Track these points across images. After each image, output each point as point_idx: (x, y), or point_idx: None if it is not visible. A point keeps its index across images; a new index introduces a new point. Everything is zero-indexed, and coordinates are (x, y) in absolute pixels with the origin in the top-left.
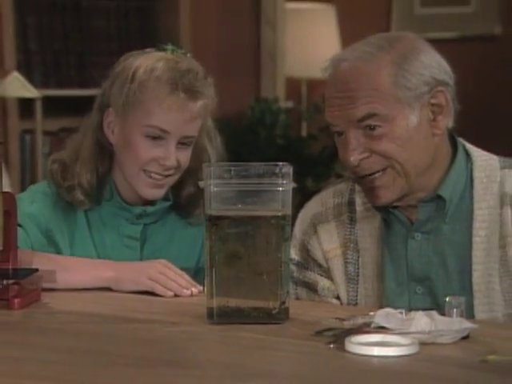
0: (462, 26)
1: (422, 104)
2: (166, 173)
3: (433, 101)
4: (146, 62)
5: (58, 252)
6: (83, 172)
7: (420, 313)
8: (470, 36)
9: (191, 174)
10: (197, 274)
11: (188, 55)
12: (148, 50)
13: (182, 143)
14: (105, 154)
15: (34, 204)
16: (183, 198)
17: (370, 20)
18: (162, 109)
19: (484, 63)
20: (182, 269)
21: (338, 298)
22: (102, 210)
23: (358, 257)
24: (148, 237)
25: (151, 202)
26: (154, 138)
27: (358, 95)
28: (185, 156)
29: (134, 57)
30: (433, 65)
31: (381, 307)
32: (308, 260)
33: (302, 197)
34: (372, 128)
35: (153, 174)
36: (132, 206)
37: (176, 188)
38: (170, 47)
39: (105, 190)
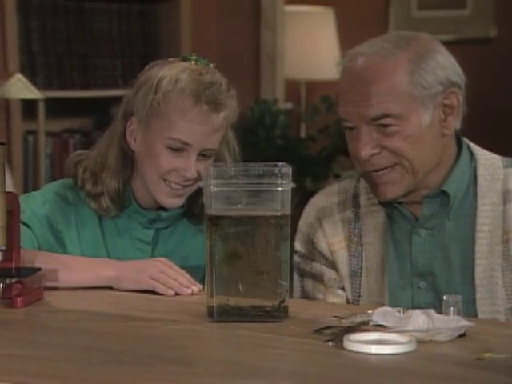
0: (458, 28)
1: (435, 104)
2: (186, 183)
3: (445, 101)
4: (171, 73)
5: (67, 253)
6: (110, 180)
7: (417, 311)
8: (466, 39)
9: None
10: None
11: (212, 65)
12: (172, 59)
13: (203, 155)
14: (128, 161)
15: (46, 205)
16: (198, 207)
17: (368, 23)
18: (184, 121)
19: (480, 65)
20: (192, 274)
21: (343, 289)
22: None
23: (362, 250)
24: (159, 241)
25: (165, 208)
26: (176, 149)
27: (373, 91)
28: (205, 167)
29: (159, 66)
30: (447, 66)
31: (384, 301)
32: (313, 252)
33: (300, 197)
34: (385, 125)
35: (172, 184)
36: (146, 211)
37: (193, 196)
38: (193, 57)
39: (125, 196)
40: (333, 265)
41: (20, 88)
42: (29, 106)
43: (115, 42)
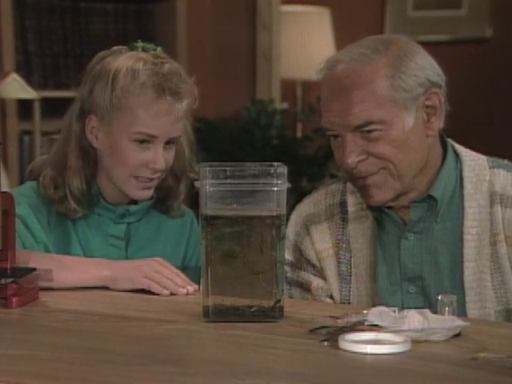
0: (454, 28)
1: (418, 106)
2: (155, 176)
3: (427, 102)
4: (125, 65)
5: (47, 251)
6: (73, 181)
7: (413, 311)
8: (461, 39)
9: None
10: (184, 271)
11: (158, 48)
12: (117, 48)
13: (167, 142)
14: (90, 158)
15: (20, 206)
16: (163, 191)
17: (364, 22)
18: (149, 114)
19: (475, 65)
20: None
21: (331, 297)
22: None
23: (351, 257)
24: (132, 235)
25: (134, 201)
26: (141, 141)
27: (354, 100)
28: (171, 155)
29: (109, 59)
30: (427, 67)
31: (374, 306)
32: (301, 260)
33: (296, 197)
34: (369, 131)
35: (142, 179)
36: (115, 206)
37: (163, 188)
38: (139, 44)
39: (91, 194)
40: (321, 272)
41: (16, 88)
42: (24, 106)
43: (111, 42)
